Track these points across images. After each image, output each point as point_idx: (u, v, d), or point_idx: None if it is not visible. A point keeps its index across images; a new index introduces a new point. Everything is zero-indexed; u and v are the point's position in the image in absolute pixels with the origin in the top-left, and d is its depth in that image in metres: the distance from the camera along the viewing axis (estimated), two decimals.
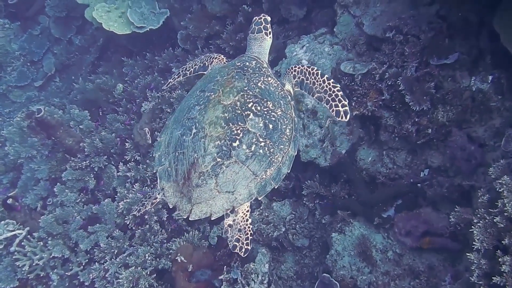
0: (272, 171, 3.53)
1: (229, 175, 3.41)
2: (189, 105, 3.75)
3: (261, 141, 3.48)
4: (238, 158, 3.41)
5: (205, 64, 4.45)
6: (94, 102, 8.18)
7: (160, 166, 3.73)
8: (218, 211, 3.45)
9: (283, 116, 3.65)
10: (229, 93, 3.59)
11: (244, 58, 4.06)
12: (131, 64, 8.45)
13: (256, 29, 4.20)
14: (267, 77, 3.81)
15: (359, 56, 5.75)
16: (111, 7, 8.24)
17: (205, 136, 3.42)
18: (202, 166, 3.38)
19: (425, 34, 5.14)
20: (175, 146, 3.61)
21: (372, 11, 5.70)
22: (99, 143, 7.04)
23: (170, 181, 3.62)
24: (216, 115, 3.48)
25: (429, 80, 5.06)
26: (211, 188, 3.40)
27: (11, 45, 10.93)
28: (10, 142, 7.53)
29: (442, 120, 5.03)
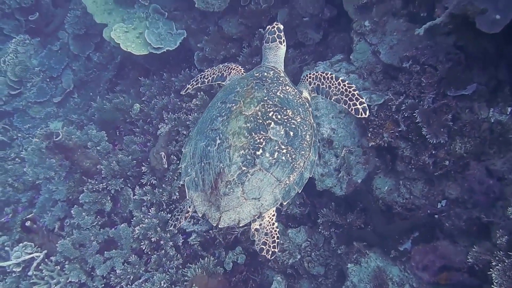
0: (295, 176, 3.66)
1: (255, 182, 3.53)
2: (211, 117, 3.88)
3: (283, 148, 3.61)
4: (262, 166, 3.53)
5: (223, 74, 4.61)
6: (111, 123, 8.24)
7: (187, 176, 3.86)
8: (245, 217, 3.58)
9: (302, 123, 3.78)
10: (250, 103, 3.73)
11: (262, 68, 4.20)
12: (148, 84, 8.48)
13: (270, 38, 4.32)
14: (285, 86, 3.95)
15: (376, 84, 5.70)
16: (129, 27, 8.29)
17: (230, 146, 3.56)
18: (229, 175, 3.51)
19: (443, 65, 5.08)
20: (201, 156, 3.75)
21: (389, 39, 5.65)
22: (116, 166, 7.08)
23: (198, 191, 3.74)
24: (239, 126, 3.62)
25: (446, 111, 5.01)
26: (238, 196, 3.53)
27: (31, 60, 11.06)
28: (29, 164, 7.62)
29: (460, 152, 4.96)
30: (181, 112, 7.49)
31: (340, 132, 5.66)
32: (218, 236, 6.31)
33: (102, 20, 8.79)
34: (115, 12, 8.80)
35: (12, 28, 11.47)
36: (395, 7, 5.66)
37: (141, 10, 8.56)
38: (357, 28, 5.94)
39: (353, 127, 5.65)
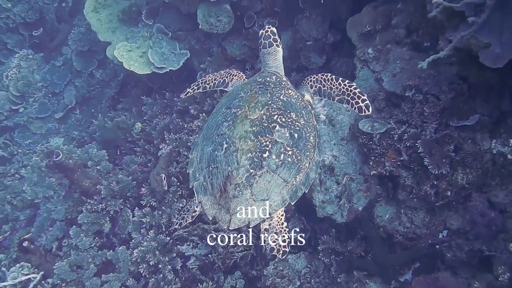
0: (301, 177, 3.75)
1: (263, 184, 3.61)
2: (217, 122, 3.98)
3: (289, 150, 3.70)
4: (269, 168, 3.62)
5: (225, 80, 4.69)
6: (112, 141, 8.22)
7: (195, 181, 3.93)
8: (255, 218, 3.65)
9: (306, 124, 3.89)
10: (255, 108, 3.83)
11: (264, 74, 4.33)
12: (150, 103, 8.48)
13: (267, 43, 4.40)
14: (287, 90, 4.06)
15: (378, 111, 5.68)
16: (132, 46, 8.31)
17: (237, 150, 3.66)
18: (237, 178, 3.59)
19: (445, 95, 5.05)
20: (208, 161, 3.82)
21: (392, 67, 5.64)
22: (116, 186, 7.04)
23: (207, 195, 3.80)
24: (245, 130, 3.72)
25: (448, 142, 4.98)
26: (247, 198, 3.61)
27: (34, 75, 11.09)
28: (28, 182, 7.59)
29: (462, 183, 4.92)
30: (182, 132, 7.48)
31: (342, 159, 5.62)
32: (217, 261, 6.25)
33: (106, 38, 8.82)
34: (119, 31, 8.83)
35: (15, 43, 11.52)
36: (398, 35, 5.65)
37: (145, 29, 8.59)
38: (360, 55, 5.93)
39: (354, 154, 5.62)
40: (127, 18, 8.75)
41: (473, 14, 4.15)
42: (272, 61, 4.47)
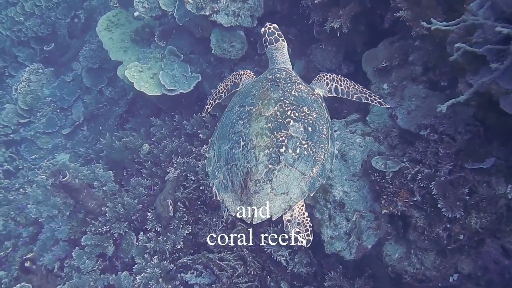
0: (318, 168, 3.87)
1: (281, 178, 3.71)
2: (231, 121, 4.06)
3: (304, 143, 3.81)
4: (287, 162, 3.72)
5: (235, 82, 4.82)
6: (119, 162, 8.15)
7: (215, 179, 4.00)
8: (277, 212, 3.74)
9: (318, 117, 4.02)
10: (268, 104, 3.93)
11: (274, 70, 4.43)
12: (159, 125, 8.41)
13: (273, 39, 4.54)
14: (298, 85, 4.19)
15: (391, 148, 5.61)
16: (144, 67, 8.29)
17: (254, 147, 3.75)
18: (257, 174, 3.68)
19: (461, 136, 4.98)
20: (226, 159, 3.91)
21: (407, 104, 5.57)
22: (121, 209, 6.98)
23: (228, 192, 3.86)
24: (260, 127, 3.82)
25: (463, 184, 4.88)
26: (267, 193, 3.70)
27: (43, 90, 11.10)
28: (32, 200, 7.51)
29: (475, 227, 4.82)
30: (190, 156, 7.41)
31: (353, 196, 5.54)
32: None
33: (118, 58, 8.81)
34: (131, 51, 8.82)
35: (26, 56, 11.58)
36: (415, 72, 5.59)
37: (157, 50, 8.58)
38: (375, 90, 5.87)
39: (366, 191, 5.53)
40: (139, 38, 8.75)
41: (495, 60, 4.09)
42: (280, 56, 4.59)
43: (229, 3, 7.29)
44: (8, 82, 11.71)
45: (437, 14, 4.94)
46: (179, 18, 7.64)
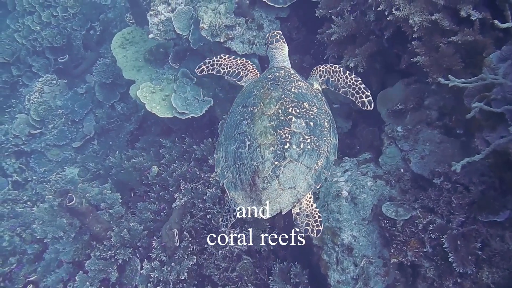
0: (322, 161, 4.03)
1: (288, 173, 3.88)
2: (236, 121, 4.23)
3: (307, 138, 3.97)
4: (292, 158, 3.89)
5: (239, 73, 4.88)
6: (127, 183, 8.09)
7: (224, 179, 4.18)
8: (286, 206, 3.93)
9: (319, 112, 4.17)
10: (270, 103, 4.09)
11: (273, 70, 4.58)
12: (169, 147, 8.33)
13: (274, 40, 4.77)
14: (297, 82, 4.34)
15: (403, 193, 5.48)
16: (156, 88, 8.23)
17: (260, 146, 3.92)
18: (264, 172, 3.86)
19: (475, 187, 4.87)
20: (234, 159, 4.09)
21: (421, 149, 5.45)
22: (127, 234, 6.90)
23: (238, 190, 4.06)
24: (264, 125, 3.99)
25: (475, 237, 4.76)
26: (275, 188, 3.88)
27: (55, 101, 11.09)
28: (38, 220, 7.45)
29: (487, 282, 4.68)
30: (199, 182, 7.31)
31: (362, 241, 5.42)
32: None
33: (130, 77, 8.79)
34: (144, 70, 8.79)
35: (40, 66, 11.62)
36: (430, 117, 5.48)
37: (170, 71, 8.54)
38: (389, 132, 5.76)
39: (375, 236, 5.42)
40: (153, 58, 8.71)
41: None
42: (279, 55, 4.75)
43: (244, 30, 7.22)
44: (22, 91, 11.73)
45: (455, 62, 4.84)
46: (194, 42, 7.57)
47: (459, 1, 4.77)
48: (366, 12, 5.77)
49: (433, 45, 5.02)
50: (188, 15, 7.58)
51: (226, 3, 7.15)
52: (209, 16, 7.10)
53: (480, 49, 4.75)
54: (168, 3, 7.86)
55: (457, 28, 4.89)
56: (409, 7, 5.03)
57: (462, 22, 4.89)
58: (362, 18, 5.86)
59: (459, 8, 4.75)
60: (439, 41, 4.96)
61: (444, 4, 4.89)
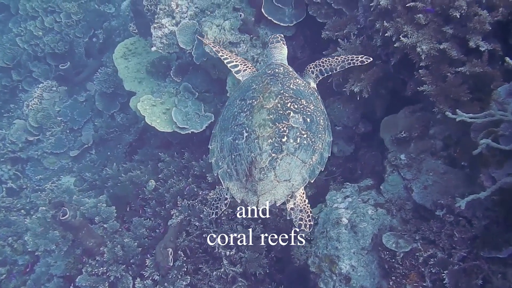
0: (317, 157, 4.16)
1: (284, 166, 3.99)
2: (233, 114, 4.32)
3: (303, 133, 4.09)
4: (288, 151, 4.00)
5: (238, 65, 5.14)
6: (123, 198, 7.95)
7: (219, 169, 4.28)
8: (280, 198, 4.02)
9: (315, 109, 4.32)
10: (269, 97, 4.20)
11: (273, 66, 4.80)
12: (167, 162, 8.20)
13: (275, 40, 5.12)
14: (295, 79, 4.53)
15: (404, 222, 5.36)
16: (157, 101, 8.11)
17: (258, 137, 4.00)
18: (261, 163, 3.94)
19: (479, 221, 4.74)
20: (230, 150, 4.17)
21: (424, 178, 5.34)
22: (120, 251, 6.77)
23: (232, 180, 4.14)
24: (263, 118, 4.08)
25: (477, 272, 4.63)
26: (271, 180, 3.97)
27: (54, 108, 10.98)
28: (31, 233, 7.32)
29: None
30: (196, 200, 7.19)
31: (360, 271, 5.28)
32: None
33: (131, 88, 8.70)
34: (146, 82, 8.70)
35: (41, 72, 11.54)
36: (434, 147, 5.37)
37: (171, 85, 8.43)
38: (392, 159, 5.65)
39: (374, 267, 5.28)
40: (155, 70, 8.61)
41: None
42: (278, 54, 5.03)
43: (248, 48, 7.14)
44: (21, 96, 11.62)
45: (463, 92, 4.75)
46: (197, 57, 7.46)
47: (468, 31, 4.68)
48: (373, 37, 5.68)
49: (440, 74, 4.92)
50: (192, 30, 7.48)
51: (231, 20, 7.06)
52: (214, 32, 7.01)
53: (488, 80, 4.66)
54: (172, 16, 7.76)
55: (465, 58, 4.80)
56: (417, 35, 4.94)
57: (470, 52, 4.80)
58: (368, 43, 5.77)
59: (468, 38, 4.67)
60: (447, 71, 4.86)
61: (452, 33, 4.81)
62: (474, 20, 4.61)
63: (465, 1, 4.64)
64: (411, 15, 5.02)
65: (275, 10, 7.00)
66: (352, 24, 6.00)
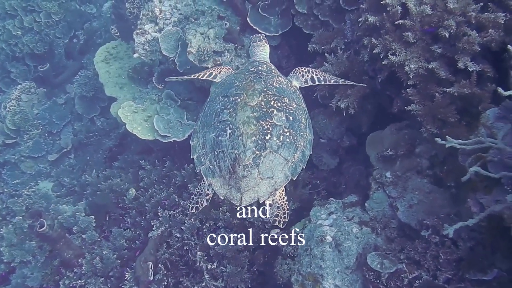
0: (299, 154, 4.23)
1: (267, 163, 4.06)
2: (215, 110, 4.37)
3: (286, 131, 4.16)
4: (271, 149, 4.07)
5: (212, 73, 5.16)
6: (103, 207, 7.77)
7: (201, 165, 4.34)
8: (263, 194, 4.09)
9: (297, 108, 4.40)
10: (253, 95, 4.27)
11: (255, 63, 4.84)
12: (148, 170, 8.03)
13: (257, 39, 5.19)
14: (278, 77, 4.60)
15: (389, 241, 5.31)
16: (138, 108, 7.94)
17: (241, 134, 4.06)
18: (245, 160, 4.01)
19: (464, 243, 4.71)
20: (212, 146, 4.24)
21: (409, 197, 5.29)
22: (99, 263, 6.61)
23: (215, 177, 4.20)
24: (247, 115, 4.14)
25: None
26: (255, 177, 4.04)
27: (33, 110, 10.72)
28: (7, 243, 7.11)
29: None
30: (177, 210, 7.05)
31: None
32: None
33: (112, 94, 8.52)
34: (127, 88, 8.52)
35: (19, 73, 11.29)
36: (420, 165, 5.32)
37: (154, 91, 8.26)
38: (377, 177, 5.59)
39: (358, 287, 5.22)
40: (137, 76, 8.43)
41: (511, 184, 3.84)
42: (261, 52, 5.10)
43: (233, 57, 7.02)
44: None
45: (450, 113, 4.69)
46: (180, 65, 7.31)
47: (457, 51, 4.63)
48: (360, 51, 5.62)
49: (428, 94, 4.87)
50: (176, 37, 7.33)
51: (216, 28, 6.93)
52: (198, 40, 6.87)
53: (476, 102, 4.61)
54: (155, 22, 7.60)
55: (454, 78, 4.75)
56: (405, 53, 4.88)
57: (459, 72, 4.75)
58: (355, 58, 5.70)
59: (457, 58, 4.61)
60: (435, 90, 4.80)
61: (441, 52, 4.75)
62: (463, 40, 4.56)
63: (454, 20, 4.58)
64: (399, 33, 4.96)
65: (261, 20, 6.89)
66: (339, 38, 5.93)
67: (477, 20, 4.56)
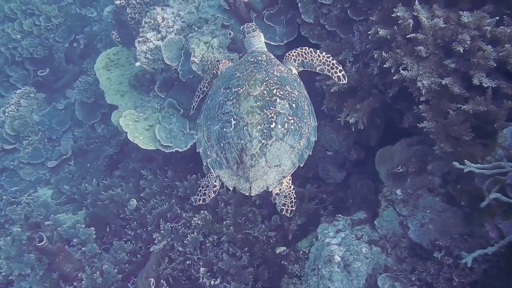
0: (304, 141, 4.24)
1: (274, 152, 4.06)
2: (218, 102, 4.33)
3: (290, 119, 4.15)
4: (277, 137, 4.07)
5: (214, 73, 5.11)
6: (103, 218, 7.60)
7: (208, 158, 4.32)
8: (272, 183, 4.13)
9: (299, 95, 4.38)
10: (255, 84, 4.24)
11: (255, 54, 4.76)
12: (150, 180, 7.86)
13: (251, 29, 5.06)
14: (278, 66, 4.56)
15: (399, 261, 5.15)
16: (140, 117, 7.75)
17: (247, 124, 4.04)
18: (252, 149, 4.00)
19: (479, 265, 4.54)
20: (218, 138, 4.21)
21: (421, 216, 5.12)
22: (99, 278, 6.44)
23: (223, 168, 4.20)
24: (250, 105, 4.11)
25: None
26: (263, 166, 4.05)
27: (32, 116, 10.53)
28: (4, 255, 6.94)
29: None
30: (180, 223, 6.89)
31: None
32: None
33: (113, 101, 8.34)
34: (128, 96, 8.34)
35: (19, 77, 11.16)
36: (432, 183, 5.15)
37: (155, 100, 8.07)
38: (387, 194, 5.42)
39: None
40: (138, 84, 8.25)
41: None
42: (257, 42, 5.01)
43: None
44: None
45: (465, 131, 4.51)
46: (183, 74, 7.13)
47: (472, 67, 4.46)
48: (370, 64, 5.45)
49: (441, 110, 4.70)
50: (179, 45, 7.15)
51: (220, 37, 6.75)
52: (201, 49, 6.69)
53: (492, 120, 4.44)
54: (158, 30, 7.42)
55: (468, 94, 4.58)
56: (418, 68, 4.72)
57: (473, 88, 4.58)
58: (365, 70, 5.53)
59: (472, 74, 4.44)
60: (448, 107, 4.64)
61: (455, 67, 4.58)
62: (478, 55, 4.40)
63: (468, 34, 4.42)
64: (411, 46, 4.79)
65: (266, 29, 6.71)
66: (348, 50, 5.76)
67: (493, 34, 4.41)
